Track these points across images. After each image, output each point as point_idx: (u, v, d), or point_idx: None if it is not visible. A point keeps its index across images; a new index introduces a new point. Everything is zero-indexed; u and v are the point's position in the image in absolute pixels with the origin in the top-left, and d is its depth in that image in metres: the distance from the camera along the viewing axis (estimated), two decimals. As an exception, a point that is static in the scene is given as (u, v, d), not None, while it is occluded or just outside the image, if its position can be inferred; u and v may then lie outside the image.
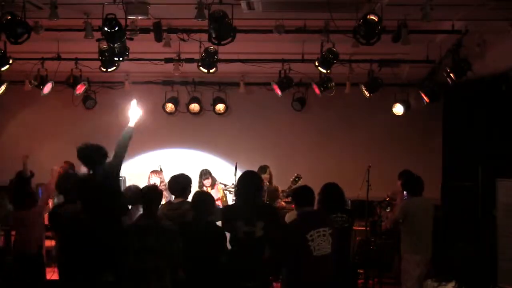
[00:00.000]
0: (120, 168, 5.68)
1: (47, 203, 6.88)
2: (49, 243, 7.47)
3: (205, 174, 8.67)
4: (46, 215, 6.89)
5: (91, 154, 5.63)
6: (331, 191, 5.95)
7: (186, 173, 6.28)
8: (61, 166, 8.20)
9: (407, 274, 6.48)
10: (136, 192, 6.10)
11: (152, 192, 5.42)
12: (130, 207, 6.27)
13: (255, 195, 5.30)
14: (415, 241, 6.46)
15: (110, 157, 5.69)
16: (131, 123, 5.77)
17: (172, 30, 7.24)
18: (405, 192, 6.91)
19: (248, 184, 5.34)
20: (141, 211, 5.99)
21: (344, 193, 6.06)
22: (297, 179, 7.93)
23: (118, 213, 5.75)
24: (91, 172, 5.69)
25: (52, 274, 6.91)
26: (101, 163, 5.63)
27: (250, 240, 5.09)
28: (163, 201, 6.13)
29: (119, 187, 6.09)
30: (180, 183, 6.09)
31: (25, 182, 6.87)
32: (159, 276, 5.07)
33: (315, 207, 5.52)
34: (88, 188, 5.45)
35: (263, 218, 5.14)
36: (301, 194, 5.37)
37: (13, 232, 7.08)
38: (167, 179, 8.11)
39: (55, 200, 7.02)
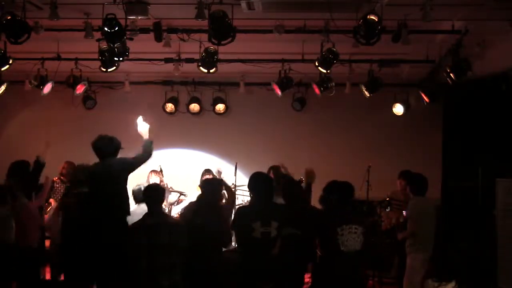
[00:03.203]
0: (133, 168, 6.00)
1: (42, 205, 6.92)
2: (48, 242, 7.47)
3: (207, 171, 8.71)
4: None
5: (103, 145, 5.93)
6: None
7: (186, 173, 6.34)
8: (62, 166, 8.25)
9: (413, 272, 6.46)
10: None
11: (154, 191, 5.50)
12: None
13: (269, 196, 5.40)
14: (421, 240, 6.46)
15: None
16: (146, 137, 6.12)
17: (172, 30, 7.25)
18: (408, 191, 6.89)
19: (262, 184, 5.43)
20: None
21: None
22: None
23: (122, 207, 5.89)
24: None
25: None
26: (112, 155, 5.95)
27: (266, 240, 5.17)
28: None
29: (125, 184, 6.18)
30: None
31: (40, 171, 6.87)
32: (170, 272, 5.19)
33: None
34: (97, 173, 5.84)
35: (277, 218, 5.23)
36: (342, 190, 5.50)
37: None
38: (166, 179, 8.17)
39: None
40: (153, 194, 5.44)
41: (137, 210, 6.38)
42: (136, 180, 7.40)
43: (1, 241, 6.07)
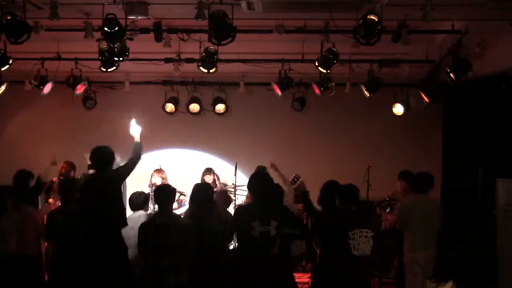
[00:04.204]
0: (126, 176, 6.02)
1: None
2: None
3: (207, 170, 8.72)
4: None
5: (101, 156, 5.91)
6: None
7: (186, 173, 6.36)
8: (61, 166, 8.24)
9: (412, 270, 6.45)
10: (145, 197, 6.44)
11: (167, 191, 5.54)
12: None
13: (269, 195, 5.42)
14: (416, 239, 6.43)
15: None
16: (137, 139, 6.05)
17: (172, 30, 7.24)
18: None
19: (261, 184, 5.45)
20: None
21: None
22: (296, 179, 7.90)
23: (118, 217, 5.85)
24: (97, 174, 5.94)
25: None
26: (109, 164, 5.92)
27: (265, 239, 5.19)
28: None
29: (121, 192, 6.22)
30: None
31: (41, 187, 6.91)
32: (178, 272, 5.21)
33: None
34: (94, 187, 5.78)
35: (276, 217, 5.24)
36: (348, 192, 5.53)
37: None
38: (169, 179, 8.18)
39: None
40: (166, 195, 5.48)
41: (133, 215, 6.36)
42: (138, 180, 7.40)
43: (1, 250, 6.07)
